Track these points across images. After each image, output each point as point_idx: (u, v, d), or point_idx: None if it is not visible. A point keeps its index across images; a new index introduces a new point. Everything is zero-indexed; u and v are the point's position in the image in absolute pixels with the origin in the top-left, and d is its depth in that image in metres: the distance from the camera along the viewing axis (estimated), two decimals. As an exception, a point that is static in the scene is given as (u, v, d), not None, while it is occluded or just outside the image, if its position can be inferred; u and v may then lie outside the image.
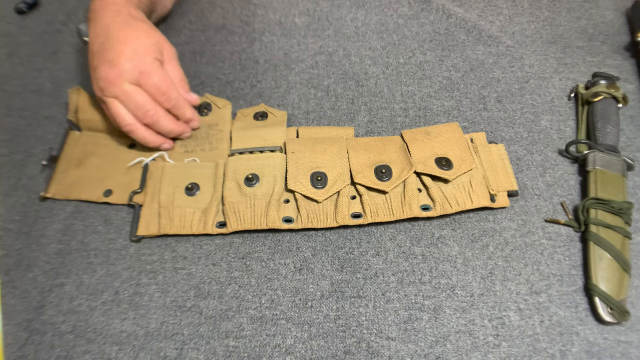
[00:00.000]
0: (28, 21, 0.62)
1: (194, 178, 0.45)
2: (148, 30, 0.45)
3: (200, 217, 0.43)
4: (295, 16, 0.58)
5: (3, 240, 0.45)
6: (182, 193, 0.44)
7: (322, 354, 0.37)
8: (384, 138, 0.46)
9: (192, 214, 0.44)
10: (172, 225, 0.43)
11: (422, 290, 0.40)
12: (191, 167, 0.47)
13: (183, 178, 0.45)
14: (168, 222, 0.43)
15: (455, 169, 0.42)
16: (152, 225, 0.43)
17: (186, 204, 0.44)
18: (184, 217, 0.43)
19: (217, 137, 0.49)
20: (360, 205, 0.42)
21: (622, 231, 0.39)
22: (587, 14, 0.55)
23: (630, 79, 0.50)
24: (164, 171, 0.46)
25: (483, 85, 0.51)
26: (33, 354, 0.39)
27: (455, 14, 0.56)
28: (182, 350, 0.38)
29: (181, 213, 0.44)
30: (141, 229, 0.43)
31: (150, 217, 0.44)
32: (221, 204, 0.44)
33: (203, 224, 0.43)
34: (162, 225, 0.43)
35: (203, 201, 0.44)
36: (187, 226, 0.43)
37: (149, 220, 0.44)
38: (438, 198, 0.41)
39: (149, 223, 0.44)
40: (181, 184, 0.45)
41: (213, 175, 0.46)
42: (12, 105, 0.54)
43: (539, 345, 0.37)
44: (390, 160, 0.43)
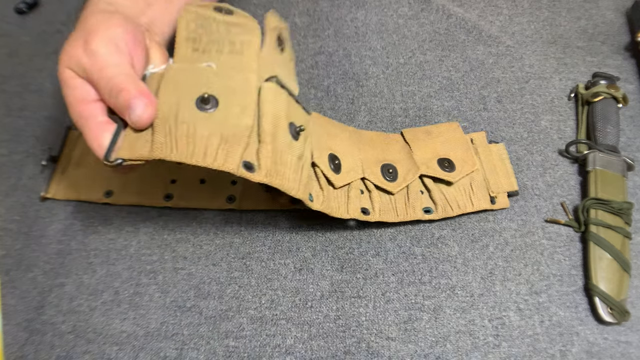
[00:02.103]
0: (28, 21, 0.62)
1: (212, 89, 0.32)
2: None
3: (220, 145, 0.31)
4: (295, 16, 0.58)
5: (3, 240, 0.45)
6: (191, 105, 0.31)
7: (322, 354, 0.37)
8: (386, 135, 0.45)
9: (207, 138, 0.31)
10: (174, 146, 0.30)
11: (422, 290, 0.40)
12: (207, 72, 0.33)
13: (193, 85, 0.32)
14: (168, 141, 0.30)
15: (458, 171, 0.42)
16: (141, 143, 0.31)
17: (197, 121, 0.31)
18: (194, 140, 0.30)
19: (243, 39, 0.36)
20: (369, 202, 0.41)
21: (622, 231, 0.39)
22: (587, 14, 0.55)
23: (631, 79, 0.50)
24: (165, 74, 0.33)
25: (483, 86, 0.51)
26: (33, 354, 0.39)
27: (455, 14, 0.56)
28: (182, 351, 0.38)
29: (189, 132, 0.31)
30: (124, 148, 0.31)
31: (138, 136, 0.32)
32: (257, 139, 0.32)
33: (225, 156, 0.31)
34: (158, 144, 0.30)
35: (225, 124, 0.31)
36: (200, 153, 0.30)
37: (137, 137, 0.31)
38: (440, 201, 0.41)
39: (136, 141, 0.31)
40: (190, 93, 0.32)
41: (243, 91, 0.33)
42: (12, 105, 0.54)
43: (539, 346, 0.37)
44: (395, 160, 0.43)
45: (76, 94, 0.33)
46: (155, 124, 0.31)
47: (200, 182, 0.45)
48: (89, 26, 0.33)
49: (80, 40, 0.33)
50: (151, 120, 0.31)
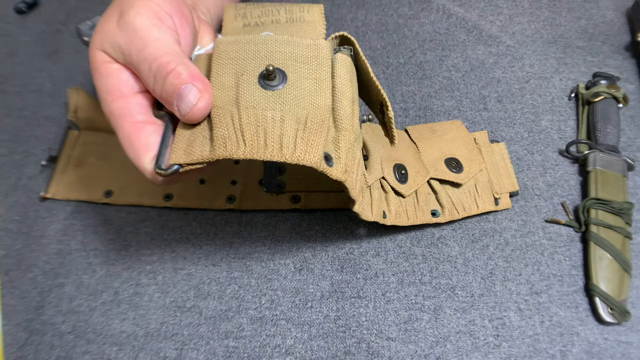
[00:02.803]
0: (28, 21, 0.62)
1: (276, 60, 0.27)
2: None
3: (299, 132, 0.25)
4: (295, 16, 0.58)
5: (3, 241, 0.44)
6: (253, 84, 0.26)
7: (322, 354, 0.37)
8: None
9: (280, 123, 0.25)
10: (241, 140, 0.24)
11: (422, 290, 0.39)
12: (266, 41, 0.27)
13: (252, 59, 0.27)
14: (232, 134, 0.25)
15: (466, 171, 0.42)
16: (199, 142, 0.25)
17: (264, 103, 0.25)
18: (265, 128, 0.25)
19: (302, 5, 0.31)
20: (385, 204, 0.38)
21: (622, 231, 0.39)
22: (587, 14, 0.55)
23: (631, 79, 0.50)
24: (214, 51, 0.27)
25: (483, 85, 0.51)
26: (33, 354, 0.39)
27: (455, 14, 0.56)
28: (182, 351, 0.38)
29: (257, 119, 0.25)
30: (178, 151, 0.26)
31: (194, 132, 0.26)
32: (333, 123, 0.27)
33: (305, 146, 0.25)
34: (220, 140, 0.25)
35: (299, 103, 0.26)
36: (274, 145, 0.24)
37: (192, 134, 0.26)
38: (447, 204, 0.41)
39: (192, 139, 0.26)
40: (250, 69, 0.26)
41: (314, 61, 0.27)
42: (12, 105, 0.54)
43: (539, 346, 0.37)
44: (404, 160, 0.41)
45: (109, 84, 0.27)
46: (214, 114, 0.25)
47: (200, 182, 0.45)
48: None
49: (115, 13, 0.27)
50: (207, 111, 0.25)
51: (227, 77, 0.26)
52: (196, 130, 0.26)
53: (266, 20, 0.30)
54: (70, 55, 0.58)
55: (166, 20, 0.27)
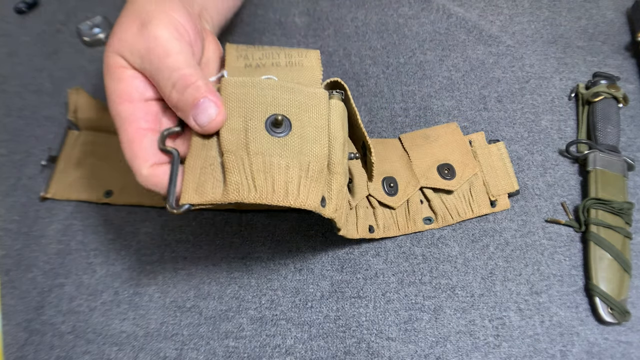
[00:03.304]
0: (28, 21, 0.62)
1: (281, 107, 0.28)
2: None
3: (302, 179, 0.27)
4: (295, 16, 0.58)
5: (3, 241, 0.44)
6: (261, 130, 0.27)
7: (322, 354, 0.37)
8: (383, 141, 0.45)
9: (285, 170, 0.27)
10: (252, 186, 0.26)
11: (422, 290, 0.39)
12: (271, 86, 0.28)
13: (259, 103, 0.28)
14: (244, 180, 0.26)
15: (458, 177, 0.42)
16: (209, 185, 0.26)
17: (271, 150, 0.27)
18: (272, 174, 0.26)
19: (300, 51, 0.32)
20: (373, 218, 0.41)
21: (622, 231, 0.39)
22: (587, 14, 0.55)
23: (631, 78, 0.50)
24: (222, 91, 0.28)
25: (483, 85, 0.51)
26: (33, 354, 0.39)
27: (455, 14, 0.56)
28: (182, 351, 0.38)
29: (265, 165, 0.26)
30: (190, 191, 0.26)
31: (204, 173, 0.27)
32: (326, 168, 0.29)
33: (307, 192, 0.27)
34: (234, 185, 0.26)
35: (302, 152, 0.27)
36: (280, 191, 0.26)
37: (202, 177, 0.27)
38: (440, 210, 0.41)
39: (203, 183, 0.26)
40: (257, 114, 0.27)
41: (314, 110, 0.29)
42: (12, 105, 0.54)
43: (539, 346, 0.37)
44: (394, 172, 0.42)
45: (120, 88, 0.28)
46: (227, 159, 0.26)
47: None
48: (144, 8, 0.28)
49: (135, 23, 0.28)
50: (219, 127, 0.27)
51: (236, 121, 0.27)
52: (206, 170, 0.27)
53: (267, 63, 0.31)
54: (70, 55, 0.58)
55: (185, 35, 0.28)
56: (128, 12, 0.29)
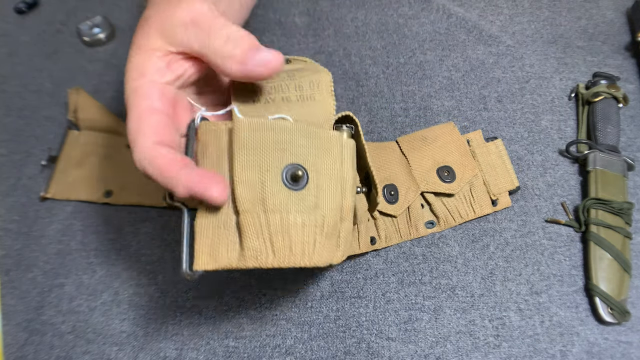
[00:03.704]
0: (28, 21, 0.62)
1: (298, 156, 0.26)
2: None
3: (317, 238, 0.26)
4: (295, 16, 0.58)
5: (3, 241, 0.44)
6: (277, 183, 0.25)
7: (322, 354, 0.37)
8: (381, 146, 0.44)
9: (301, 229, 0.25)
10: (270, 250, 0.25)
11: (422, 290, 0.39)
12: (286, 130, 0.26)
13: (275, 150, 0.26)
14: (262, 245, 0.25)
15: (458, 179, 0.41)
16: (224, 249, 0.25)
17: (288, 206, 0.25)
18: (289, 234, 0.25)
19: (312, 79, 0.30)
20: (374, 229, 0.40)
21: (622, 231, 0.39)
22: (587, 14, 0.55)
23: (631, 78, 0.50)
24: (236, 136, 0.25)
25: (483, 85, 0.51)
26: (33, 354, 0.39)
27: (455, 14, 0.56)
28: (182, 351, 0.38)
29: (283, 224, 0.25)
30: (203, 255, 0.25)
31: (217, 234, 0.25)
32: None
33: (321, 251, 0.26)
34: (251, 251, 0.24)
35: (318, 208, 0.26)
36: (298, 253, 0.25)
37: (216, 238, 0.25)
38: (442, 214, 0.41)
39: (217, 245, 0.25)
40: (273, 164, 0.26)
41: (328, 156, 0.27)
42: (12, 105, 0.54)
43: (539, 346, 0.37)
44: (394, 178, 0.41)
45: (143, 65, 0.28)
46: (243, 220, 0.24)
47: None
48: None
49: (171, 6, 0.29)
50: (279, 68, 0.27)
51: (252, 173, 0.25)
52: (220, 231, 0.25)
53: (276, 98, 0.29)
54: (70, 55, 0.58)
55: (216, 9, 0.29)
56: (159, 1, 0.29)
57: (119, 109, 0.52)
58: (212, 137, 0.26)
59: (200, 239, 0.25)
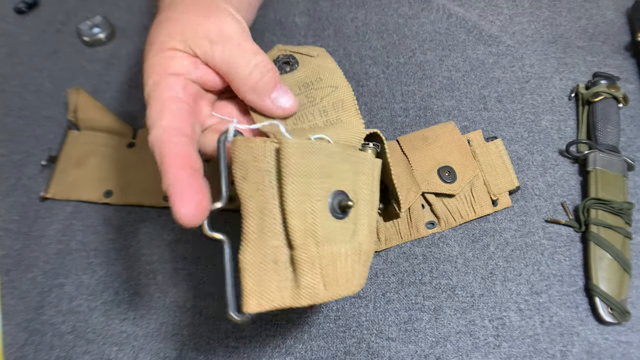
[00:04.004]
0: (28, 21, 0.62)
1: (341, 180, 0.25)
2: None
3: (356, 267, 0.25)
4: (295, 16, 0.58)
5: (3, 241, 0.44)
6: (325, 211, 0.24)
7: (322, 354, 0.37)
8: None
9: (345, 259, 0.24)
10: (321, 285, 0.23)
11: (422, 290, 0.39)
12: (331, 153, 0.25)
13: (322, 177, 0.24)
14: (316, 281, 0.23)
15: (459, 180, 0.41)
16: (275, 287, 0.23)
17: (335, 236, 0.24)
18: (335, 266, 0.24)
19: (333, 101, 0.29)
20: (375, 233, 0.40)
21: (622, 231, 0.39)
22: (587, 14, 0.55)
23: (631, 78, 0.50)
24: (286, 160, 0.23)
25: (483, 85, 0.51)
26: (33, 354, 0.39)
27: (455, 14, 0.56)
28: (182, 351, 0.38)
29: (333, 257, 0.24)
30: (253, 297, 0.22)
31: (267, 270, 0.23)
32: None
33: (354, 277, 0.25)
34: (306, 289, 0.23)
35: (357, 231, 0.26)
36: (343, 284, 0.24)
37: (266, 278, 0.23)
38: (442, 214, 0.41)
39: (268, 286, 0.23)
40: (322, 191, 0.24)
41: (370, 177, 0.27)
42: (12, 105, 0.54)
43: (539, 346, 0.37)
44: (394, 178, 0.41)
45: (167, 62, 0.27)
46: (299, 255, 0.23)
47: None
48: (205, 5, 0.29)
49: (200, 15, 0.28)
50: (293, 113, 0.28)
51: (304, 202, 0.23)
52: (268, 266, 0.23)
53: (304, 127, 0.28)
54: (70, 55, 0.58)
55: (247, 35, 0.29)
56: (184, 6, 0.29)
57: (119, 109, 0.52)
58: (252, 157, 0.24)
59: (248, 278, 0.23)
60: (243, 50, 0.27)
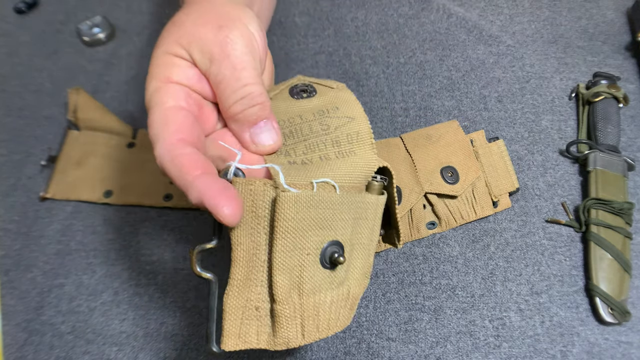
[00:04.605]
0: (28, 21, 0.62)
1: (337, 231, 0.25)
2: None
3: (341, 312, 0.25)
4: (295, 16, 0.58)
5: (2, 241, 0.44)
6: (315, 264, 0.24)
7: (322, 354, 0.37)
8: (386, 143, 0.44)
9: (329, 307, 0.25)
10: (300, 334, 0.24)
11: (422, 290, 0.39)
12: (332, 205, 0.25)
13: (317, 229, 0.24)
14: (295, 332, 0.23)
15: (462, 181, 0.41)
16: (254, 332, 0.24)
17: (322, 285, 0.24)
18: (318, 315, 0.24)
19: (348, 132, 0.28)
20: None
21: (622, 231, 0.39)
22: (587, 14, 0.55)
23: (631, 78, 0.50)
24: (280, 213, 0.23)
25: (484, 85, 0.51)
26: (32, 354, 0.39)
27: (455, 14, 0.56)
28: (182, 351, 0.38)
29: (315, 307, 0.24)
30: (231, 337, 0.24)
31: (248, 316, 0.24)
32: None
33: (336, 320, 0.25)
34: (282, 339, 0.23)
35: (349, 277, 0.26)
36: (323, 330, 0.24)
37: (246, 322, 0.24)
38: (443, 215, 0.41)
39: (247, 329, 0.24)
40: (315, 244, 0.24)
41: (373, 219, 0.27)
42: (12, 105, 0.54)
43: (539, 346, 0.37)
44: (398, 179, 0.40)
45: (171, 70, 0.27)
46: (280, 310, 0.23)
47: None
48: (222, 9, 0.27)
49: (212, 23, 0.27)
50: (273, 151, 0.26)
51: (293, 257, 0.23)
52: (250, 313, 0.23)
53: (313, 157, 0.27)
54: (70, 55, 0.58)
55: (257, 51, 0.28)
56: (202, 9, 0.28)
57: (119, 109, 0.52)
58: (249, 201, 0.24)
59: (230, 319, 0.23)
60: (235, 78, 0.26)
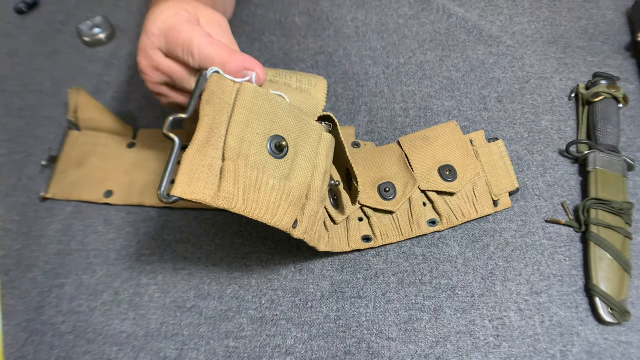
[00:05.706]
0: (28, 21, 0.62)
1: (286, 130, 0.30)
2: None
3: (281, 203, 0.29)
4: (295, 16, 0.58)
5: (3, 241, 0.44)
6: (262, 146, 0.29)
7: (322, 354, 0.37)
8: (381, 148, 0.45)
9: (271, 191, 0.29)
10: (240, 199, 0.28)
11: (422, 290, 0.39)
12: (281, 106, 0.30)
13: (268, 120, 0.29)
14: (236, 192, 0.27)
15: (460, 178, 0.41)
16: (202, 184, 0.27)
17: (266, 168, 0.29)
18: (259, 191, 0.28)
19: (309, 80, 0.35)
20: (368, 228, 0.41)
21: (622, 231, 0.39)
22: (587, 14, 0.55)
23: (631, 78, 0.50)
24: (240, 96, 0.29)
25: (483, 85, 0.51)
26: (32, 354, 0.39)
27: (455, 14, 0.56)
28: (182, 351, 0.38)
29: (257, 181, 0.28)
30: (181, 183, 0.26)
31: (200, 171, 0.27)
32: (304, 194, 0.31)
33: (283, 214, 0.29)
34: (225, 194, 0.27)
35: (290, 179, 0.30)
36: (262, 208, 0.28)
37: (198, 174, 0.27)
38: (444, 212, 0.41)
39: (197, 180, 0.27)
40: (263, 129, 0.29)
41: (310, 141, 0.32)
42: (12, 105, 0.54)
43: (539, 346, 0.37)
44: (391, 176, 0.42)
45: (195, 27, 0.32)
46: (226, 166, 0.27)
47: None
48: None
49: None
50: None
51: (245, 131, 0.29)
52: (203, 169, 0.27)
53: (279, 80, 0.33)
54: (70, 55, 0.58)
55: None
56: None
57: (119, 109, 0.52)
58: (220, 90, 0.29)
59: (184, 170, 0.27)
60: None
